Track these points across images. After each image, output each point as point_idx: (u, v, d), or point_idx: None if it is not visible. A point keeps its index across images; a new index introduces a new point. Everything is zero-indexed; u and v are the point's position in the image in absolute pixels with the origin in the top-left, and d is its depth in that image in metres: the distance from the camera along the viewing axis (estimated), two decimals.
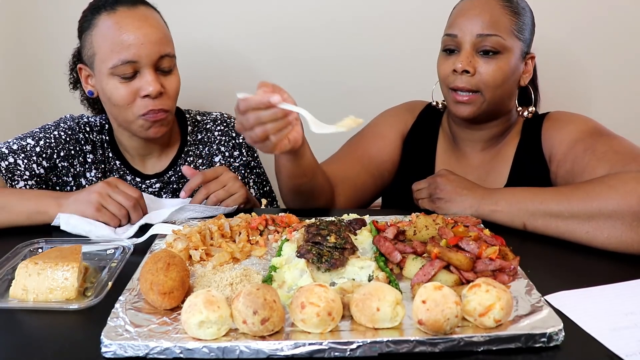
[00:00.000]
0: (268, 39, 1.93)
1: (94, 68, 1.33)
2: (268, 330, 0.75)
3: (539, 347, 0.74)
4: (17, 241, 1.08)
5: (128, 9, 1.31)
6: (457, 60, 1.30)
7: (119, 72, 1.28)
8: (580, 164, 1.21)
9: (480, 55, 1.29)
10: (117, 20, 1.29)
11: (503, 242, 0.99)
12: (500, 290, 0.77)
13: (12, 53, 1.99)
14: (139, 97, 1.30)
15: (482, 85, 1.29)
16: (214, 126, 1.54)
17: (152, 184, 1.47)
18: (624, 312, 0.84)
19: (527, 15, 1.35)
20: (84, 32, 1.34)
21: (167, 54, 1.33)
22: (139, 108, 1.31)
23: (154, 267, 0.85)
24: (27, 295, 0.89)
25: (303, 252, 0.95)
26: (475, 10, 1.30)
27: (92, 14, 1.33)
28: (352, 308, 0.78)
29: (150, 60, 1.29)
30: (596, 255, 1.05)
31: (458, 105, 1.32)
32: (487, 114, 1.34)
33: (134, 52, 1.27)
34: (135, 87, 1.30)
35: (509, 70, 1.30)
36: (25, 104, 2.04)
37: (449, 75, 1.32)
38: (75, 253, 0.95)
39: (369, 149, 1.49)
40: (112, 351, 0.74)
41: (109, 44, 1.28)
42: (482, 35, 1.28)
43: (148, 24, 1.31)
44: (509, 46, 1.29)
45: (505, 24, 1.29)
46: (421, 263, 0.93)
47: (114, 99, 1.31)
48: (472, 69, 1.28)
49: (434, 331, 0.74)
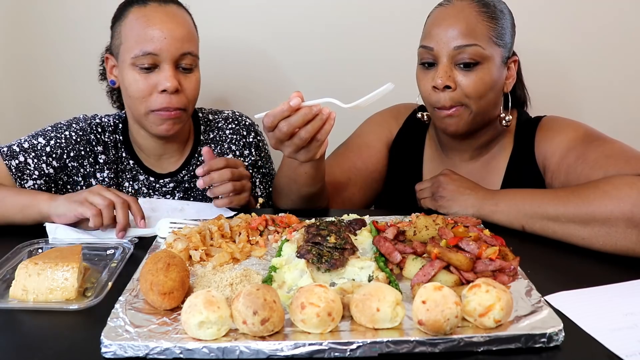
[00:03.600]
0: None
1: (119, 57, 1.35)
2: (268, 331, 0.75)
3: (539, 348, 0.75)
4: (17, 241, 1.08)
5: (159, 4, 1.34)
6: (436, 76, 1.24)
7: (139, 62, 1.30)
8: (574, 174, 1.20)
9: (460, 68, 1.24)
10: (145, 13, 1.32)
11: (503, 242, 0.99)
12: (500, 290, 0.77)
13: (12, 53, 1.99)
14: (156, 92, 1.31)
15: (465, 98, 1.25)
16: (225, 124, 1.55)
17: (166, 184, 1.47)
18: (623, 312, 0.84)
19: (506, 18, 1.29)
20: (115, 23, 1.37)
21: (189, 52, 1.34)
22: (154, 103, 1.32)
23: (154, 267, 0.85)
24: (27, 296, 0.89)
25: (303, 252, 0.95)
26: (450, 20, 1.24)
27: (125, 6, 1.36)
28: (352, 308, 0.78)
29: (171, 56, 1.31)
30: (596, 255, 1.05)
31: (444, 120, 1.28)
32: (474, 125, 1.30)
33: (156, 45, 1.29)
34: (154, 81, 1.31)
35: (491, 80, 1.25)
36: (25, 105, 2.04)
37: (430, 93, 1.27)
38: (75, 253, 0.95)
39: (355, 161, 1.47)
40: (112, 351, 0.74)
41: (135, 35, 1.31)
42: (459, 47, 1.22)
43: (174, 21, 1.33)
44: (489, 55, 1.24)
45: (483, 32, 1.23)
46: (421, 263, 0.93)
47: (130, 90, 1.33)
48: (453, 83, 1.23)
49: (434, 331, 0.74)
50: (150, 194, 1.46)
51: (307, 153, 1.12)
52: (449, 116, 1.27)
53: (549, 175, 1.29)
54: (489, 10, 1.26)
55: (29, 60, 2.00)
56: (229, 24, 1.91)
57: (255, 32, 1.93)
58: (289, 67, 1.96)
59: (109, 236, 1.15)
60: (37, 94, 2.02)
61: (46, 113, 1.99)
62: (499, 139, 1.40)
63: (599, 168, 1.14)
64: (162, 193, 1.47)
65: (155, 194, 1.47)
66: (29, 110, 2.04)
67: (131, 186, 1.46)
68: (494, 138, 1.39)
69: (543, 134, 1.34)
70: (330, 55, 1.93)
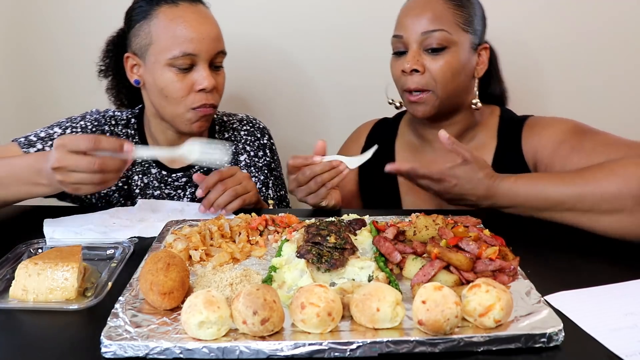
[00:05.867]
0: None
1: (146, 57, 1.36)
2: (268, 331, 0.75)
3: (538, 348, 0.75)
4: (17, 241, 1.08)
5: (190, 4, 1.36)
6: (404, 61, 1.31)
7: (178, 63, 1.32)
8: (570, 164, 1.21)
9: (428, 53, 1.30)
10: (180, 14, 1.33)
11: (503, 242, 0.99)
12: (500, 290, 0.77)
13: (12, 54, 1.99)
14: (193, 91, 1.34)
15: (432, 82, 1.30)
16: (240, 126, 1.58)
17: (178, 178, 1.48)
18: (623, 312, 0.84)
19: (475, 7, 1.35)
20: (139, 22, 1.37)
21: (222, 51, 1.38)
22: (193, 101, 1.34)
23: (154, 267, 0.85)
24: (27, 296, 0.89)
25: (303, 252, 0.95)
26: (418, 9, 1.31)
27: (150, 5, 1.36)
28: (352, 308, 0.78)
29: (208, 56, 1.34)
30: (596, 255, 1.05)
31: (412, 105, 1.35)
32: (444, 110, 1.35)
33: (195, 45, 1.31)
34: (191, 81, 1.34)
35: (459, 65, 1.31)
36: (25, 103, 2.04)
37: (400, 77, 1.33)
38: (75, 253, 0.95)
39: None
40: (112, 351, 0.74)
41: (171, 36, 1.31)
42: (427, 32, 1.28)
43: (208, 21, 1.37)
44: (456, 40, 1.30)
45: (449, 18, 1.30)
46: (421, 263, 0.93)
47: (167, 91, 1.34)
48: (421, 67, 1.30)
49: (434, 331, 0.74)
50: (160, 188, 1.47)
51: (315, 197, 1.24)
52: (416, 102, 1.33)
53: (541, 169, 1.31)
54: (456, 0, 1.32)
55: (28, 58, 2.00)
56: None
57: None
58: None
59: (109, 236, 1.15)
60: (37, 93, 2.02)
61: (46, 112, 2.00)
62: (478, 134, 1.42)
63: (599, 155, 1.15)
64: (173, 187, 1.48)
65: (167, 188, 1.47)
66: (29, 109, 2.04)
67: (141, 180, 1.47)
68: (470, 127, 1.41)
69: (530, 130, 1.36)
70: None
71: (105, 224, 1.21)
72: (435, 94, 1.31)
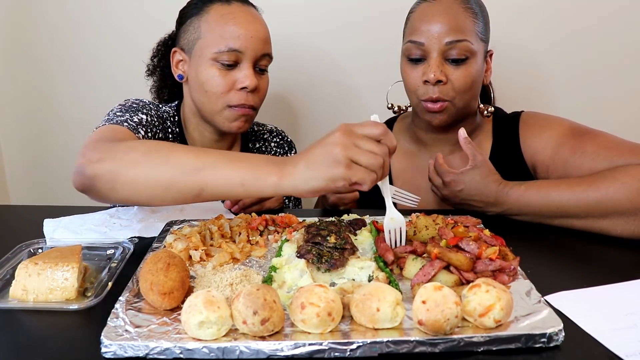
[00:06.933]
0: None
1: (192, 52, 1.37)
2: (268, 331, 0.75)
3: (539, 348, 0.74)
4: (17, 241, 1.08)
5: (242, 4, 1.39)
6: (428, 71, 1.26)
7: (222, 59, 1.32)
8: (573, 167, 1.21)
9: (449, 63, 1.27)
10: (231, 11, 1.35)
11: (503, 242, 0.99)
12: (500, 290, 0.77)
13: (12, 53, 1.99)
14: (234, 89, 1.34)
15: (452, 92, 1.27)
16: (270, 137, 1.61)
17: None
18: (624, 312, 0.84)
19: (485, 14, 1.33)
20: (190, 18, 1.38)
21: (268, 54, 1.39)
22: (232, 99, 1.35)
23: (154, 267, 0.85)
24: (27, 296, 0.89)
25: (303, 252, 0.95)
26: (440, 16, 1.26)
27: (203, 2, 1.38)
28: (352, 308, 0.78)
29: (254, 55, 1.35)
30: (596, 255, 1.06)
31: (429, 114, 1.31)
32: (457, 117, 1.34)
33: (242, 42, 1.32)
34: (233, 78, 1.34)
35: (477, 74, 1.30)
36: (26, 105, 2.04)
37: (419, 86, 1.29)
38: (75, 253, 0.95)
39: None
40: (112, 351, 0.74)
41: (219, 31, 1.33)
42: (451, 42, 1.25)
43: (258, 22, 1.38)
44: (476, 50, 1.28)
45: (471, 28, 1.27)
46: (421, 263, 0.93)
47: (208, 85, 1.34)
48: (445, 77, 1.26)
49: (434, 331, 0.74)
50: None
51: None
52: (435, 112, 1.30)
53: (542, 170, 1.31)
54: (473, 7, 1.30)
55: (29, 60, 2.00)
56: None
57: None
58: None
59: (108, 236, 1.15)
60: (38, 95, 2.02)
61: (46, 113, 2.00)
62: (477, 133, 1.42)
63: (603, 159, 1.17)
64: None
65: None
66: (29, 109, 2.04)
67: None
68: (472, 130, 1.41)
69: (528, 129, 1.35)
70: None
71: (105, 224, 1.21)
72: (453, 103, 1.29)
